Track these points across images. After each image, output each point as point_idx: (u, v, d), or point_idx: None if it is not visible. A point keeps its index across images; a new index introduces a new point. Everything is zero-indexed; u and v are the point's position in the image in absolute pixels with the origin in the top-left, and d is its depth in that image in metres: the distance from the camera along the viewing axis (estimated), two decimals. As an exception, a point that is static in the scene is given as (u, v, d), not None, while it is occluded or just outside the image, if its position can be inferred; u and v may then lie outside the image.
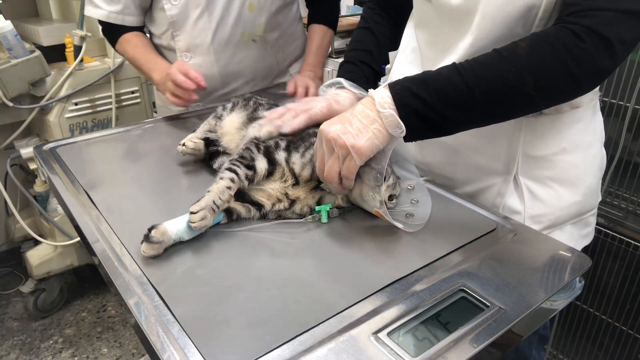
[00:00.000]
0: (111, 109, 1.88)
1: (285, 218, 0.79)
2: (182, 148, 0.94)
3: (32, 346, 1.93)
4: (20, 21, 1.87)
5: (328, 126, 0.73)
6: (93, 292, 2.21)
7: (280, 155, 0.79)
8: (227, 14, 1.28)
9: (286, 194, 0.79)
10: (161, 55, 1.36)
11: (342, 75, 0.94)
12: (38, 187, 1.91)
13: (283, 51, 1.42)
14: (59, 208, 1.89)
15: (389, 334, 0.56)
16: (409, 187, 0.87)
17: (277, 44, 1.40)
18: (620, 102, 1.32)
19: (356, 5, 1.61)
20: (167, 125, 1.20)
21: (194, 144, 0.94)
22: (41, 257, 1.94)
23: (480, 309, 0.61)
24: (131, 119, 1.94)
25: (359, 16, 1.09)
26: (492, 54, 0.70)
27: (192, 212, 0.70)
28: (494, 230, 0.77)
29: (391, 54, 1.05)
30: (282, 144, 0.81)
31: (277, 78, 1.46)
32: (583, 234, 0.93)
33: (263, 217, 0.79)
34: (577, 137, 0.85)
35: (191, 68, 1.15)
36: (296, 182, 0.80)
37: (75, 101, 1.80)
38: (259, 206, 0.78)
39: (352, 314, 0.59)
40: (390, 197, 0.80)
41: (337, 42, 2.19)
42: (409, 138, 0.73)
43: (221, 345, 0.54)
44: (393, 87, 0.72)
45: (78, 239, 1.86)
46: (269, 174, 0.79)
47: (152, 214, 0.79)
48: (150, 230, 0.68)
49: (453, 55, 0.81)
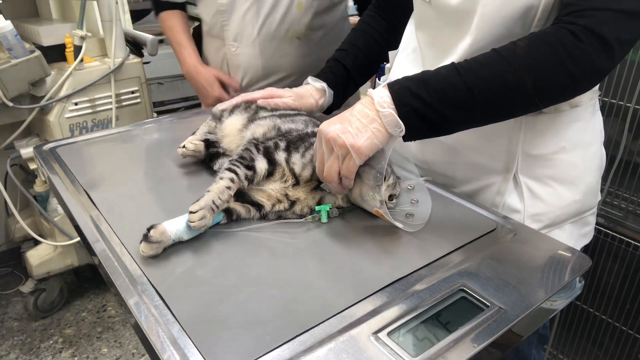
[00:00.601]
0: (111, 109, 1.87)
1: (285, 218, 0.79)
2: (183, 150, 0.94)
3: (32, 346, 1.93)
4: (20, 21, 1.87)
5: (327, 126, 0.73)
6: (93, 292, 2.21)
7: (280, 155, 0.79)
8: (275, 10, 1.31)
9: (286, 195, 0.79)
10: (209, 43, 1.44)
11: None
12: (38, 187, 1.91)
13: (326, 49, 1.42)
14: (59, 208, 1.89)
15: (389, 334, 0.56)
16: (409, 187, 0.87)
17: (321, 42, 1.41)
18: (620, 102, 1.32)
19: (356, 5, 1.63)
20: (167, 125, 1.20)
21: (194, 146, 0.94)
22: (41, 257, 1.94)
23: (480, 309, 0.61)
24: (131, 119, 1.94)
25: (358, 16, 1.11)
26: (491, 54, 0.70)
27: (192, 212, 0.70)
28: (494, 230, 0.77)
29: (391, 54, 1.05)
30: (282, 145, 0.81)
31: None
32: (582, 233, 0.94)
33: (263, 218, 0.79)
34: (577, 136, 0.85)
35: (222, 78, 1.32)
36: (296, 183, 0.79)
37: (75, 101, 1.80)
38: (259, 207, 0.78)
39: (352, 314, 0.59)
40: (390, 197, 0.80)
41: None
42: (408, 137, 0.73)
43: (221, 345, 0.54)
44: (392, 87, 0.72)
45: (78, 239, 1.86)
46: (269, 175, 0.79)
47: (152, 214, 0.79)
48: (149, 230, 0.68)
49: (453, 56, 0.81)
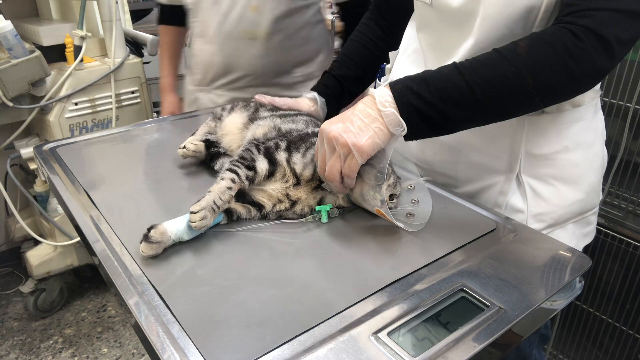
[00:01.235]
0: (111, 109, 1.87)
1: (285, 218, 0.79)
2: (183, 151, 0.94)
3: (32, 346, 1.93)
4: (20, 21, 1.87)
5: (329, 125, 0.73)
6: (93, 292, 2.21)
7: (281, 155, 0.79)
8: (231, 10, 1.35)
9: (287, 195, 0.79)
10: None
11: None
12: (38, 187, 1.91)
13: (287, 53, 1.43)
14: (59, 208, 1.89)
15: (389, 334, 0.56)
16: (410, 187, 0.86)
17: (280, 46, 1.41)
18: (620, 102, 1.32)
19: (339, 13, 1.65)
20: (167, 125, 1.20)
21: (195, 146, 0.93)
22: (41, 257, 1.94)
23: (480, 309, 0.61)
24: (131, 119, 1.94)
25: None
26: (492, 54, 0.70)
27: (193, 212, 0.70)
28: (494, 230, 0.76)
29: (391, 54, 1.05)
30: (283, 145, 0.81)
31: (278, 77, 1.47)
32: (584, 233, 0.94)
33: (263, 218, 0.79)
34: (579, 136, 0.86)
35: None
36: (297, 183, 0.79)
37: (75, 101, 1.80)
38: (260, 207, 0.78)
39: (352, 314, 0.59)
40: (391, 197, 0.80)
41: (337, 43, 2.19)
42: (410, 137, 0.73)
43: (221, 345, 0.54)
44: (394, 86, 0.72)
45: (78, 239, 1.86)
46: (270, 175, 0.79)
47: (152, 214, 0.79)
48: (149, 230, 0.68)
49: (455, 57, 0.81)
